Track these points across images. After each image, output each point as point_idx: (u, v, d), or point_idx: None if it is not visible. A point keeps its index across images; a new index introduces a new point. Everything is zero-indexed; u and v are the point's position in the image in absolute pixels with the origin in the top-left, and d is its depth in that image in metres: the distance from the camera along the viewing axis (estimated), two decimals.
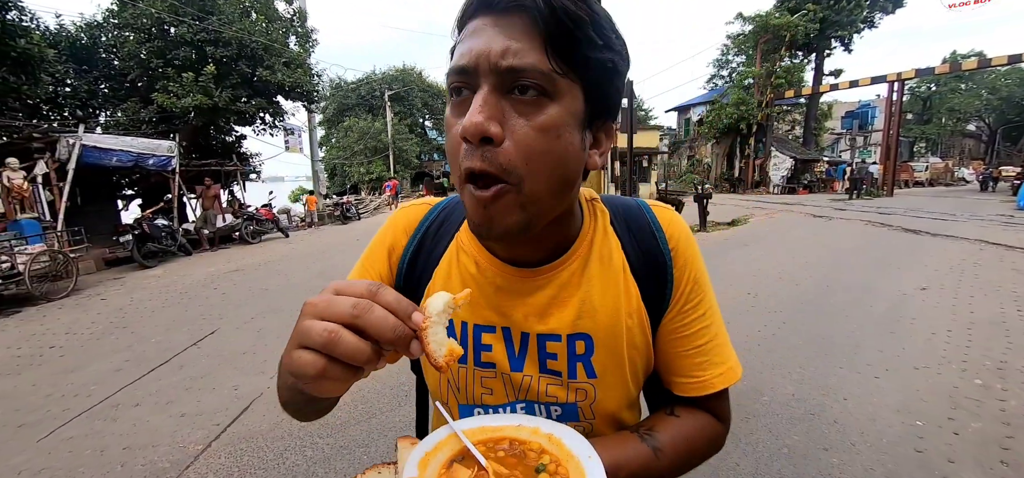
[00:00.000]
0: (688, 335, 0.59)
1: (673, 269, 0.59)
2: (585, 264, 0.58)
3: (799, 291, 5.22)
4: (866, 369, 3.24)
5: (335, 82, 30.86)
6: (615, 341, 0.57)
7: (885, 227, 9.96)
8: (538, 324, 0.57)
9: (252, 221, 11.09)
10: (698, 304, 0.59)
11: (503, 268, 0.57)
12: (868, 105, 33.34)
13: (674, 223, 0.61)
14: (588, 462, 0.46)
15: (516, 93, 0.44)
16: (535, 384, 0.58)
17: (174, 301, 6.01)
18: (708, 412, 0.60)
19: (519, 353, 0.58)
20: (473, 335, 0.59)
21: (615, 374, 0.58)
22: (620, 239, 0.60)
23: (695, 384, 0.59)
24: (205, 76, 10.34)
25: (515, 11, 0.43)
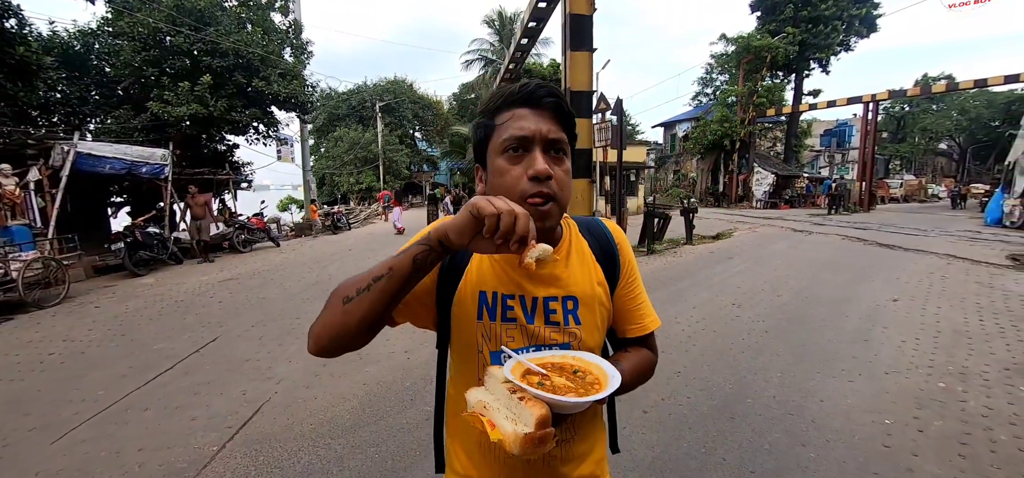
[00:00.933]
0: (631, 297, 0.94)
1: (619, 259, 0.94)
2: (569, 254, 0.88)
3: (781, 302, 5.50)
4: (841, 374, 3.49)
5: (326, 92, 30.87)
6: (591, 301, 0.87)
7: (861, 242, 10.41)
8: (543, 291, 0.85)
9: (243, 230, 11.09)
10: (634, 280, 0.95)
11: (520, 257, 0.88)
12: (846, 124, 34.60)
13: (618, 232, 0.98)
14: (599, 361, 0.77)
15: (552, 152, 0.78)
16: (542, 331, 0.84)
17: (170, 309, 6.03)
18: (647, 348, 0.95)
19: (531, 311, 0.85)
20: (502, 301, 0.85)
21: (591, 322, 0.87)
22: (587, 241, 0.92)
23: (638, 328, 0.94)
24: (201, 86, 10.39)
25: (548, 107, 0.78)
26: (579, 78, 6.88)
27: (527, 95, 0.77)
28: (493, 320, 0.84)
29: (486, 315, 0.85)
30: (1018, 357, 3.76)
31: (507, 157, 0.76)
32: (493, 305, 0.84)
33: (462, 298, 0.85)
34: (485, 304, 0.84)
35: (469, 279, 0.85)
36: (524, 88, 0.78)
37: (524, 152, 0.76)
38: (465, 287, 0.85)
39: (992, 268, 7.29)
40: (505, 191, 0.76)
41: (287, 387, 3.53)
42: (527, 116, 0.76)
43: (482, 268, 0.86)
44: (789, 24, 23.05)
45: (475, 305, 0.84)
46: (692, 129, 26.01)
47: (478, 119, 0.83)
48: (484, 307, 0.84)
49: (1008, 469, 2.36)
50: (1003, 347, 3.99)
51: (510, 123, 0.76)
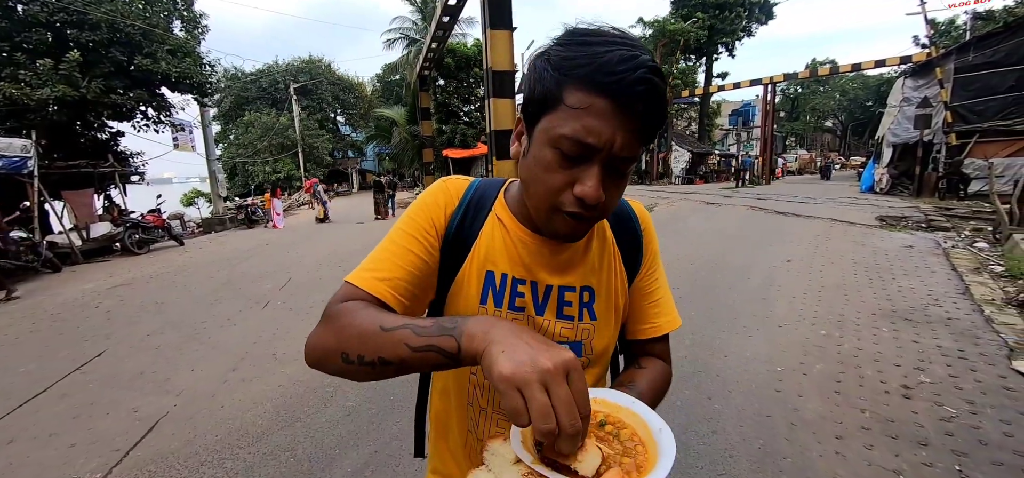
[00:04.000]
0: (649, 291, 0.80)
1: (643, 245, 0.81)
2: (589, 239, 0.76)
3: (693, 269, 5.93)
4: (743, 330, 3.84)
5: (231, 73, 28.01)
6: (608, 291, 0.76)
7: (762, 211, 11.53)
8: (559, 279, 0.74)
9: (137, 229, 9.81)
10: (655, 271, 0.82)
11: (535, 238, 0.73)
12: (750, 104, 38.00)
13: (644, 215, 0.84)
14: (635, 405, 0.57)
15: (616, 172, 0.60)
16: (551, 326, 0.73)
17: (44, 325, 5.21)
18: (659, 358, 0.81)
19: (542, 301, 0.73)
20: (511, 286, 0.73)
21: (607, 317, 0.76)
22: (610, 223, 0.80)
23: (651, 328, 0.80)
24: (67, 63, 8.85)
25: (639, 104, 0.54)
26: (500, 58, 6.83)
27: (618, 85, 0.53)
28: (499, 306, 0.72)
29: (491, 299, 0.72)
30: (882, 303, 4.38)
31: (558, 155, 0.58)
32: (500, 289, 0.72)
33: (466, 277, 0.72)
34: (491, 286, 0.72)
35: (477, 254, 0.73)
36: (618, 70, 0.52)
37: (582, 161, 0.57)
38: (471, 264, 0.73)
39: (864, 229, 8.42)
40: (537, 188, 0.61)
41: (189, 399, 3.19)
42: (605, 115, 0.54)
43: (493, 243, 0.73)
44: (699, 10, 24.69)
45: (479, 286, 0.72)
46: None
47: (546, 65, 0.58)
48: (490, 290, 0.72)
49: (872, 399, 2.74)
50: (871, 295, 4.62)
51: (580, 116, 0.54)
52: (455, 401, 0.80)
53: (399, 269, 0.68)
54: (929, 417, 2.54)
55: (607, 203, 0.61)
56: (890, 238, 7.45)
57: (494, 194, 0.78)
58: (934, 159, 13.57)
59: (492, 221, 0.75)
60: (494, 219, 0.75)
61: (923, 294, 4.59)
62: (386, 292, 0.66)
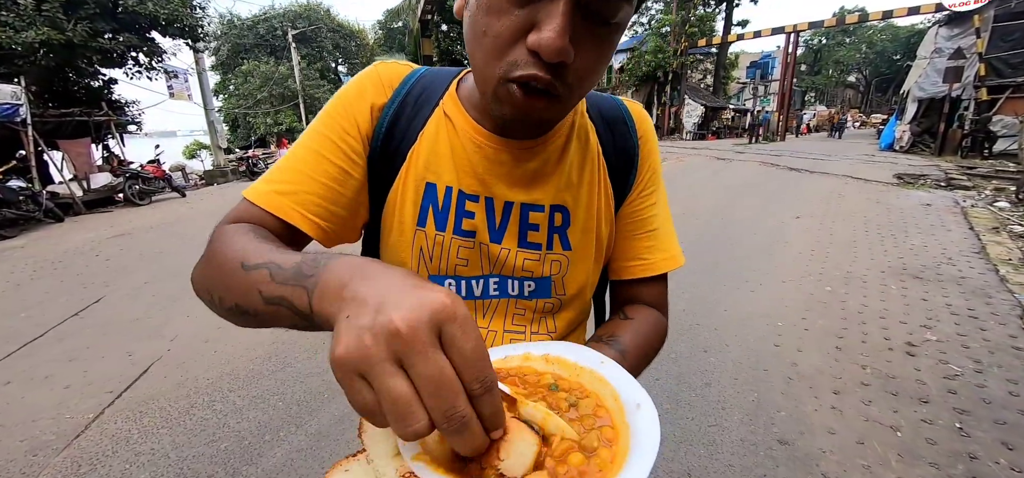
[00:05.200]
0: (642, 219, 0.64)
1: (639, 156, 0.64)
2: (566, 142, 0.59)
3: (698, 224, 5.78)
4: (744, 285, 3.74)
5: (227, 18, 27.14)
6: (588, 215, 0.61)
7: (775, 167, 11.18)
8: (523, 194, 0.58)
9: (137, 180, 9.76)
10: (653, 192, 0.65)
11: (493, 139, 0.56)
12: (769, 56, 36.29)
13: (642, 115, 0.66)
14: (605, 368, 0.42)
15: (594, 21, 0.41)
16: (511, 258, 0.58)
17: (46, 272, 5.24)
18: (652, 305, 0.64)
19: (500, 224, 0.58)
20: (457, 202, 0.57)
21: (586, 247, 0.61)
22: (595, 125, 0.63)
23: (642, 265, 0.63)
24: (50, 3, 8.50)
25: None
26: None
27: None
28: (441, 229, 0.57)
29: (431, 219, 0.57)
30: (893, 261, 4.23)
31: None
32: (444, 206, 0.57)
33: (400, 192, 0.57)
34: (432, 203, 0.57)
35: (415, 161, 0.57)
36: None
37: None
38: (407, 175, 0.57)
39: (880, 186, 8.13)
40: (481, 46, 0.44)
41: (182, 344, 3.20)
42: None
43: (437, 147, 0.57)
44: None
45: (416, 203, 0.57)
46: (627, 60, 26.04)
47: None
48: (431, 207, 0.57)
49: (873, 355, 2.66)
50: (882, 253, 4.46)
51: None
52: None
53: (308, 179, 0.53)
54: (932, 375, 2.45)
55: (580, 68, 0.43)
56: (907, 196, 7.19)
57: (444, 85, 0.61)
58: (961, 116, 12.94)
59: (438, 119, 0.59)
60: (440, 116, 0.59)
61: (936, 252, 4.42)
62: (290, 209, 0.52)
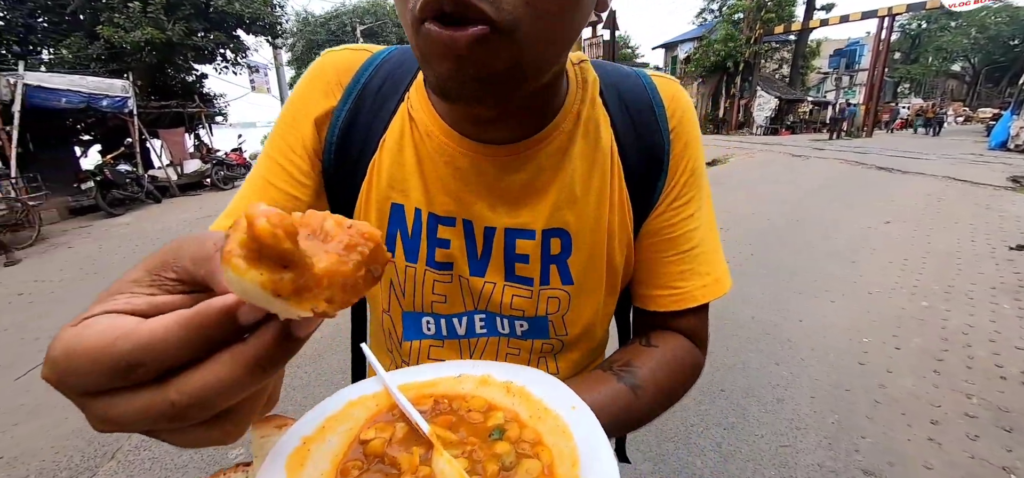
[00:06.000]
0: (674, 237, 0.49)
1: (670, 154, 0.48)
2: (569, 142, 0.46)
3: (769, 226, 5.35)
4: (823, 294, 3.40)
5: (302, 16, 28.98)
6: (596, 238, 0.47)
7: (859, 165, 10.14)
8: (507, 217, 0.46)
9: (222, 166, 10.73)
10: (691, 200, 0.50)
11: (466, 145, 0.45)
12: (857, 43, 32.94)
13: (678, 97, 0.50)
14: (571, 414, 0.34)
15: None
16: (498, 293, 0.48)
17: (148, 248, 5.88)
18: (685, 335, 0.52)
19: (482, 254, 0.47)
20: (427, 227, 0.47)
21: (593, 279, 0.49)
22: (610, 112, 0.48)
23: (675, 296, 0.50)
24: (154, 5, 9.53)
25: None
26: None
27: None
28: (412, 260, 0.48)
29: (400, 248, 0.48)
30: (1006, 276, 3.67)
31: None
32: (414, 233, 0.47)
33: (362, 217, 0.48)
34: (400, 228, 0.47)
35: (375, 181, 0.47)
36: None
37: None
38: (368, 192, 0.48)
39: (992, 190, 7.11)
40: (397, 6, 0.37)
41: None
42: None
43: (401, 156, 0.47)
44: None
45: (383, 229, 0.47)
46: (694, 50, 24.74)
47: None
48: (398, 233, 0.47)
49: (981, 382, 2.31)
50: (992, 267, 3.89)
51: None
52: (376, 347, 0.58)
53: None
54: None
55: None
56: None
57: (412, 70, 0.49)
58: None
59: (401, 120, 0.47)
60: (404, 117, 0.47)
61: None
62: None
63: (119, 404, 0.18)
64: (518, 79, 0.36)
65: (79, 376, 0.18)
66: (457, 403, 0.38)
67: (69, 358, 0.18)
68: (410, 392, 0.38)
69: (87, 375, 0.18)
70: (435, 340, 0.52)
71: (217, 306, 0.18)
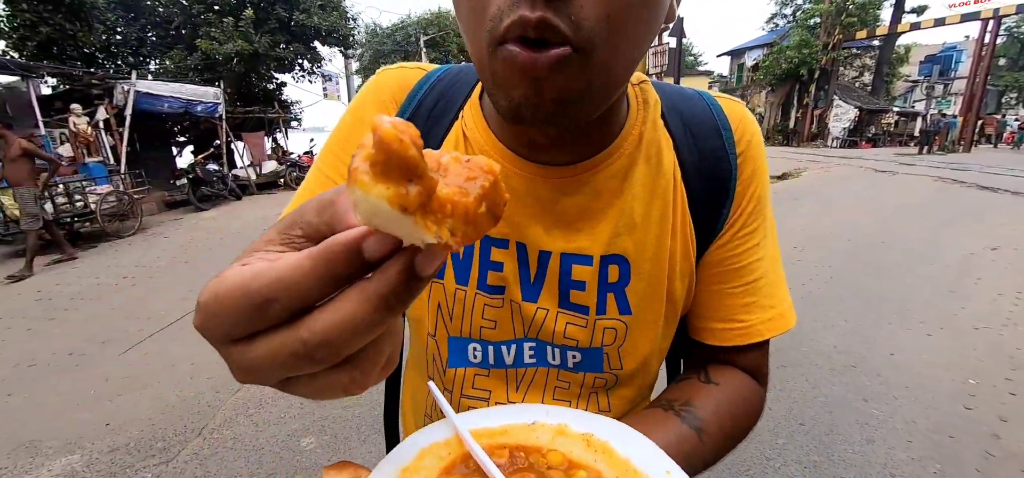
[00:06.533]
0: (738, 268, 0.47)
1: (737, 180, 0.46)
2: (629, 165, 0.44)
3: (851, 247, 4.92)
4: (918, 326, 3.06)
5: (371, 28, 30.69)
6: (655, 268, 0.45)
7: (957, 184, 9.10)
8: (563, 241, 0.45)
9: (295, 168, 11.55)
10: (756, 230, 0.47)
11: (523, 165, 0.44)
12: (953, 48, 29.69)
13: (746, 121, 0.48)
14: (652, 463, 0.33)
15: None
16: (550, 320, 0.46)
17: (230, 241, 6.42)
18: (746, 371, 0.49)
19: (535, 278, 0.46)
20: (480, 248, 0.46)
21: (652, 309, 0.46)
22: (673, 135, 0.47)
23: (737, 330, 0.47)
24: (244, 21, 10.55)
25: None
26: None
27: None
28: (462, 282, 0.47)
29: (450, 270, 0.47)
30: None
31: None
32: (465, 254, 0.47)
33: None
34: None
35: None
36: None
37: None
38: None
39: None
40: (465, 27, 0.36)
41: None
42: None
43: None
44: None
45: None
46: (764, 57, 23.45)
47: None
48: (449, 255, 0.49)
49: None
50: None
51: None
52: (415, 372, 0.56)
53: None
54: None
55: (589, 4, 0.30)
56: None
57: (465, 91, 0.48)
58: None
59: (456, 138, 0.47)
60: (459, 135, 0.47)
61: None
62: None
63: (256, 347, 0.19)
64: (592, 100, 0.35)
65: (221, 318, 0.19)
66: (534, 456, 0.36)
67: (215, 301, 0.19)
68: (482, 439, 0.36)
69: (228, 316, 0.19)
70: (481, 368, 0.50)
71: (342, 239, 0.18)
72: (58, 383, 2.75)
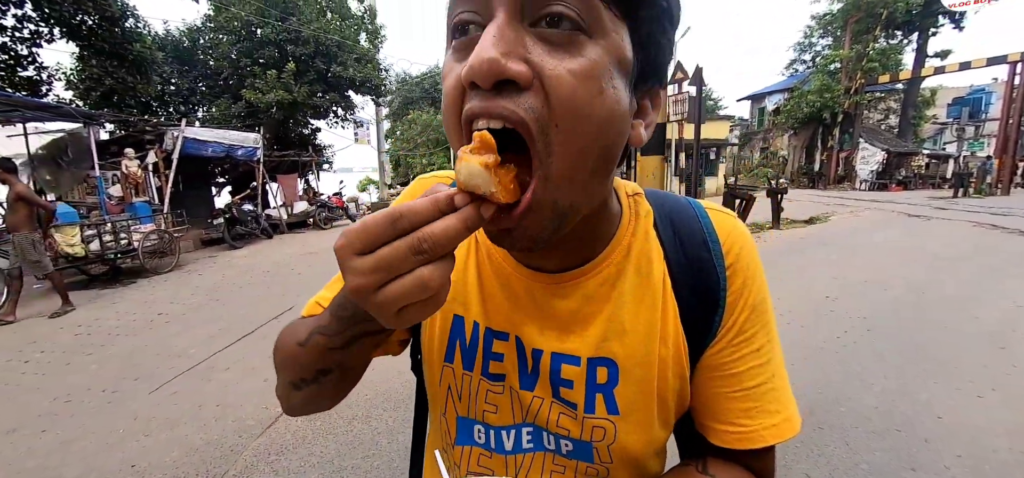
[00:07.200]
0: (736, 374, 0.47)
1: (727, 292, 0.47)
2: (618, 274, 0.47)
3: (888, 296, 4.72)
4: (967, 386, 2.88)
5: (401, 77, 32.16)
6: (645, 372, 0.47)
7: (998, 230, 8.71)
8: (556, 341, 0.48)
9: (325, 209, 11.96)
10: (753, 337, 0.47)
11: (521, 270, 0.49)
12: (982, 90, 29.05)
13: (734, 233, 0.49)
14: None
15: (544, 25, 0.33)
16: (545, 409, 0.49)
17: (258, 279, 6.62)
18: (748, 469, 0.48)
19: (531, 371, 0.49)
20: (483, 340, 0.51)
21: (642, 412, 0.47)
22: (664, 246, 0.49)
23: (738, 434, 0.47)
24: (286, 73, 11.33)
25: None
26: None
27: None
28: (468, 368, 0.52)
29: (458, 356, 0.52)
30: None
31: (452, 50, 0.38)
32: (471, 344, 0.51)
33: (429, 322, 0.54)
34: (459, 338, 0.52)
35: None
36: None
37: (480, 32, 0.35)
38: None
39: None
40: (445, 113, 0.40)
41: None
42: None
43: (465, 275, 0.52)
44: None
45: (444, 336, 0.53)
46: (784, 101, 23.46)
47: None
48: (458, 343, 0.52)
49: None
50: None
51: None
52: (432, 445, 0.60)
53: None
54: None
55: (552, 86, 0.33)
56: None
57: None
58: None
59: (468, 242, 0.53)
60: (472, 239, 0.53)
61: None
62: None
63: (382, 251, 0.31)
64: (559, 229, 0.39)
65: (363, 232, 0.32)
66: None
67: (362, 224, 0.32)
68: None
69: (370, 231, 0.31)
70: (484, 450, 0.53)
71: (445, 192, 0.33)
72: (89, 421, 2.82)
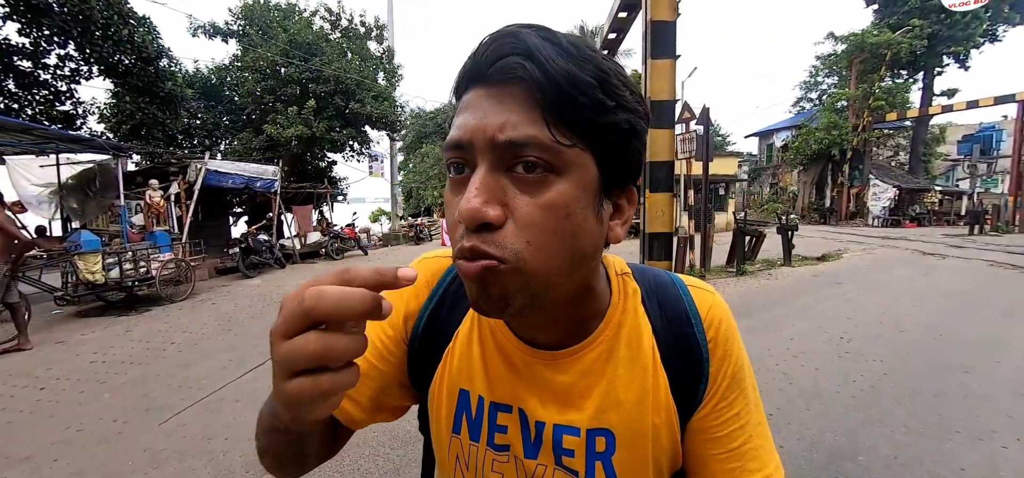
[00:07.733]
0: (722, 436, 0.53)
1: (710, 363, 0.53)
2: (611, 349, 0.52)
3: (905, 339, 4.63)
4: (990, 437, 2.79)
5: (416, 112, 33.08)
6: (639, 440, 0.51)
7: (1015, 269, 8.53)
8: (556, 413, 0.52)
9: (338, 239, 12.15)
10: (733, 402, 0.53)
11: (521, 348, 0.53)
12: (992, 128, 28.96)
13: (714, 309, 0.55)
14: None
15: (520, 170, 0.40)
16: (549, 474, 0.53)
17: (271, 309, 6.68)
18: None
19: (534, 441, 0.53)
20: (488, 413, 0.55)
21: (638, 473, 0.52)
22: (652, 321, 0.54)
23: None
24: (307, 110, 11.78)
25: (511, 82, 0.40)
26: (660, 87, 6.48)
27: (481, 63, 0.42)
28: (475, 440, 0.56)
29: (465, 428, 0.56)
30: None
31: (450, 183, 0.44)
32: (477, 417, 0.55)
33: (437, 395, 0.57)
34: (465, 411, 0.56)
35: (448, 365, 0.57)
36: (480, 49, 0.42)
37: (471, 173, 0.42)
38: (441, 378, 0.57)
39: None
40: (450, 238, 0.45)
41: None
42: (474, 103, 0.42)
43: (469, 351, 0.56)
44: (915, 16, 19.98)
45: (451, 409, 0.57)
46: (792, 138, 23.60)
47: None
48: (464, 415, 0.56)
49: None
50: None
51: (455, 122, 0.44)
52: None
53: None
54: None
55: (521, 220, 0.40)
56: None
57: None
58: None
59: (471, 319, 0.57)
60: (473, 316, 0.57)
61: None
62: None
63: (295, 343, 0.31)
64: (535, 297, 0.42)
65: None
66: None
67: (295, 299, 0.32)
68: None
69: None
70: None
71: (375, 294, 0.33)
72: (99, 452, 2.83)
